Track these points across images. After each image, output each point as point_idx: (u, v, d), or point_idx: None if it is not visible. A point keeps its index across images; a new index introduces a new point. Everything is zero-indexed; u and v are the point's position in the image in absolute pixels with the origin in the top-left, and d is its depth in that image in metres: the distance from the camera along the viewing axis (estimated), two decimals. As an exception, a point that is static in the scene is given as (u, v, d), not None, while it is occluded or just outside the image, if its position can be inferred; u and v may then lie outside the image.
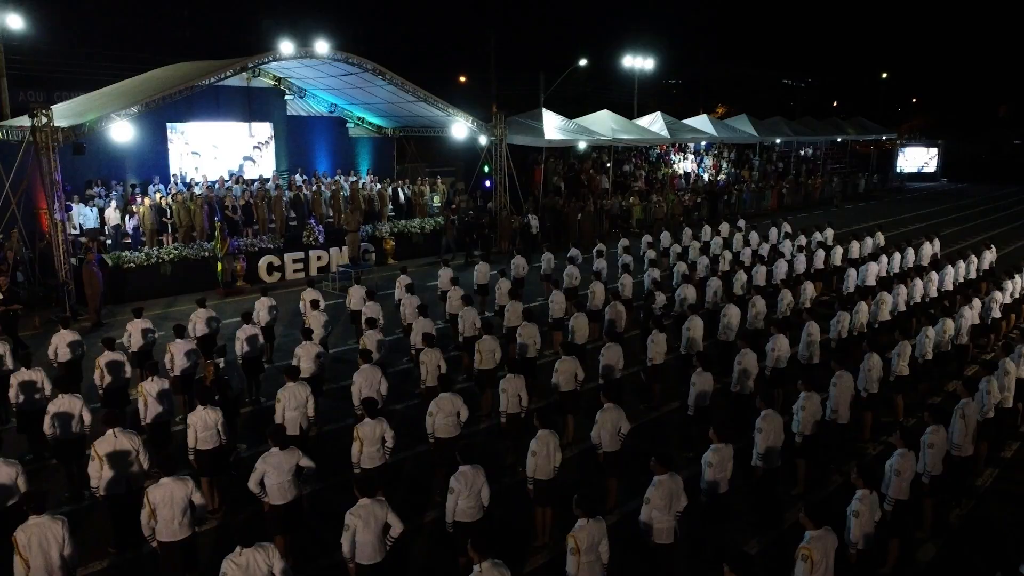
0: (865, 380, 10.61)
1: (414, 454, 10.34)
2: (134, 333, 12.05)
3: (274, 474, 7.29)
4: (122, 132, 17.36)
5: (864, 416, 10.82)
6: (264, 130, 24.94)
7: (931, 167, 51.54)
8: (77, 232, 19.57)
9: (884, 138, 49.58)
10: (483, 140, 25.09)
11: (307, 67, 22.64)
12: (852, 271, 16.85)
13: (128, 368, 10.73)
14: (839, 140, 47.35)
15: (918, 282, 15.76)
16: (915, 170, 51.22)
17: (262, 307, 13.55)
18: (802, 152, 47.43)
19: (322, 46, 25.65)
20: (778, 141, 42.42)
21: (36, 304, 17.29)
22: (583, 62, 38.49)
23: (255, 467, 7.35)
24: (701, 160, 40.65)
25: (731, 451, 7.64)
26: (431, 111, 23.83)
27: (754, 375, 10.64)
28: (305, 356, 10.90)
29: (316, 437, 10.33)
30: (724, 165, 41.00)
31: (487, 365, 11.22)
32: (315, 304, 13.42)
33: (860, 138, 48.29)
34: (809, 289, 15.33)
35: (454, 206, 25.97)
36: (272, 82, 24.94)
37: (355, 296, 14.39)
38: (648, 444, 9.75)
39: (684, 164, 39.48)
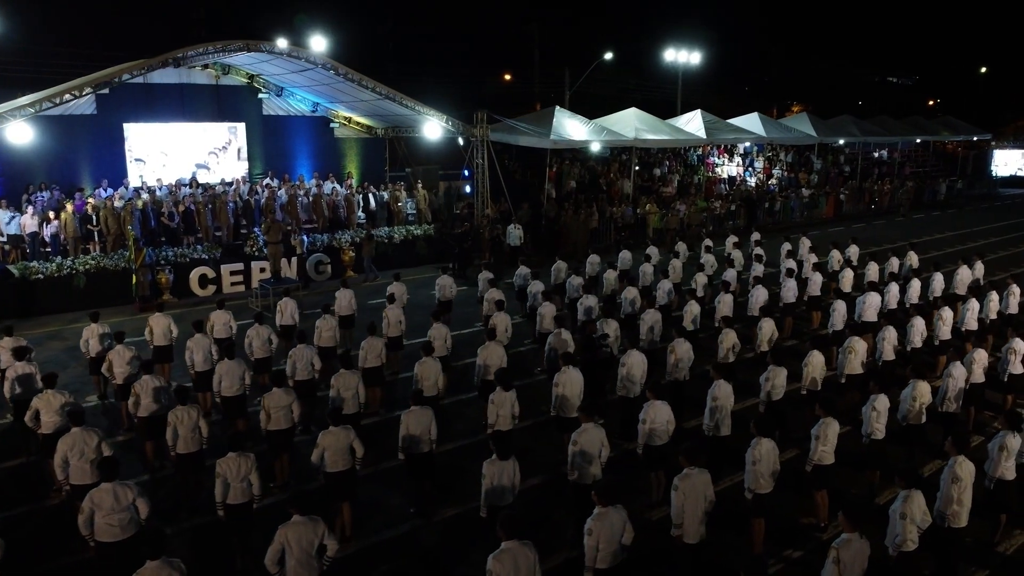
0: (751, 477, 7.58)
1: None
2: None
3: None
4: (19, 134, 15.97)
5: (753, 525, 7.79)
6: (223, 133, 23.24)
7: (1028, 171, 45.26)
8: (4, 239, 18.52)
9: (975, 139, 43.78)
10: (461, 141, 22.70)
11: (265, 62, 20.92)
12: (840, 304, 13.40)
13: None
14: (918, 141, 42.08)
15: (917, 321, 12.26)
16: (1008, 175, 44.97)
17: (91, 335, 11.71)
18: (875, 154, 42.33)
19: (321, 43, 23.96)
20: (841, 142, 37.81)
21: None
22: (608, 56, 35.38)
23: None
24: (751, 163, 36.66)
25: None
26: (402, 110, 21.63)
27: (598, 459, 7.81)
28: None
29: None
30: (777, 169, 36.80)
31: (275, 426, 8.88)
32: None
33: (946, 139, 42.84)
34: (767, 328, 12.10)
35: (459, 212, 23.58)
36: (244, 79, 23.29)
37: (218, 323, 12.42)
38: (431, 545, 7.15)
39: (728, 167, 35.66)
